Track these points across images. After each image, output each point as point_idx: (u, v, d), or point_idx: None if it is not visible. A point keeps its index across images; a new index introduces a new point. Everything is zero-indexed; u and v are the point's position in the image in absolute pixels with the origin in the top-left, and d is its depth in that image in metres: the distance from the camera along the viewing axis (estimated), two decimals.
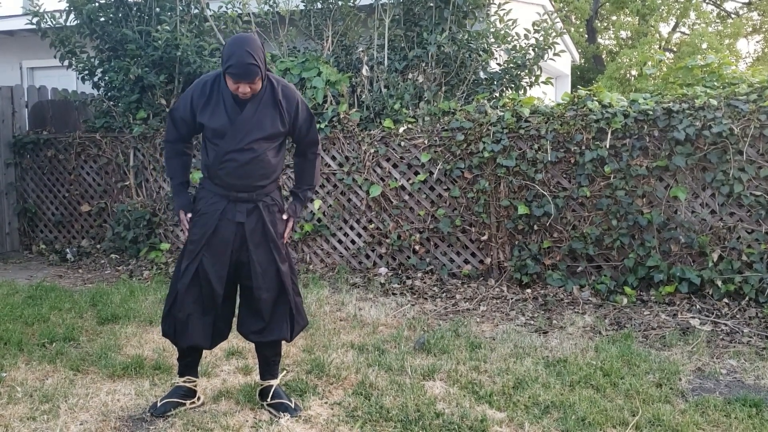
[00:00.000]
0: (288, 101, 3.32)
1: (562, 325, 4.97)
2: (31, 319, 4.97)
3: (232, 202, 3.28)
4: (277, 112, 3.28)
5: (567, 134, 5.65)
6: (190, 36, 7.34)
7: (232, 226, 3.28)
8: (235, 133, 3.21)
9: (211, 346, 3.44)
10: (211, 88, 3.27)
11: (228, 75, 3.11)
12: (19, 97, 8.18)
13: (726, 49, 21.19)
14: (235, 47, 3.07)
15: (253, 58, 3.07)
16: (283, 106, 3.29)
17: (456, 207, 6.15)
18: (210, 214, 3.29)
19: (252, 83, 3.13)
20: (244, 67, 3.06)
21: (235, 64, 3.05)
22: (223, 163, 3.23)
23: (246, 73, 3.07)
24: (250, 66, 3.06)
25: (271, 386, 3.51)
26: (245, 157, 3.22)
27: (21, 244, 8.19)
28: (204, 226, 3.29)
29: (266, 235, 3.33)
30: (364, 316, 5.18)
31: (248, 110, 3.21)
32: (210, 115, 3.24)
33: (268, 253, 3.34)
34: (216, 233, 3.28)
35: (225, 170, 3.24)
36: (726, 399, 3.61)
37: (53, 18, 7.71)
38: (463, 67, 6.93)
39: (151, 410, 3.44)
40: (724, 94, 5.37)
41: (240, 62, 3.05)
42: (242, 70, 3.06)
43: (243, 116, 3.21)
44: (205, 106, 3.26)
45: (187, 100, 3.30)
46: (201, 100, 3.27)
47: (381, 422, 3.34)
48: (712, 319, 4.96)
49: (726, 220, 5.31)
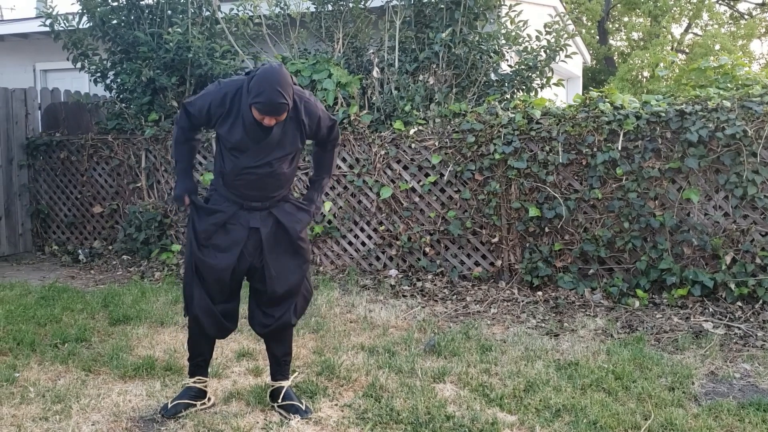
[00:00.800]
0: (311, 118, 3.32)
1: (574, 327, 4.94)
2: (44, 320, 5.01)
3: (245, 210, 3.31)
4: (298, 131, 3.29)
5: (578, 136, 5.63)
6: (202, 38, 7.37)
7: (244, 230, 3.30)
8: (257, 152, 3.21)
9: (217, 336, 3.48)
10: (231, 102, 3.20)
11: (255, 108, 3.06)
12: (33, 99, 8.24)
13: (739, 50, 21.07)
14: (266, 84, 3.01)
15: (283, 96, 3.03)
16: (305, 124, 3.29)
17: (467, 209, 6.13)
18: (221, 214, 3.31)
19: (278, 117, 3.11)
20: (274, 106, 3.03)
21: (264, 102, 3.02)
22: (240, 175, 3.25)
23: (274, 111, 3.05)
24: (280, 105, 3.04)
25: (282, 387, 3.51)
26: (263, 171, 3.24)
27: (34, 245, 8.24)
28: (214, 224, 3.31)
29: (286, 235, 3.36)
30: (375, 318, 5.17)
31: (275, 133, 3.18)
32: (229, 129, 3.21)
33: (291, 256, 3.37)
34: (226, 232, 3.30)
35: (241, 182, 3.27)
36: (739, 403, 3.58)
37: (66, 20, 7.76)
38: (474, 68, 6.92)
39: (162, 411, 3.45)
40: (737, 95, 5.33)
41: (269, 100, 3.01)
42: (271, 108, 3.04)
43: (270, 139, 3.18)
44: (224, 119, 3.22)
45: (205, 106, 3.26)
46: (220, 111, 3.22)
47: (391, 424, 3.33)
48: (725, 322, 4.92)
49: (739, 223, 5.27)
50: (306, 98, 3.32)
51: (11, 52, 11.40)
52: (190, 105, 3.32)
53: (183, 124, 3.38)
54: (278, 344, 3.52)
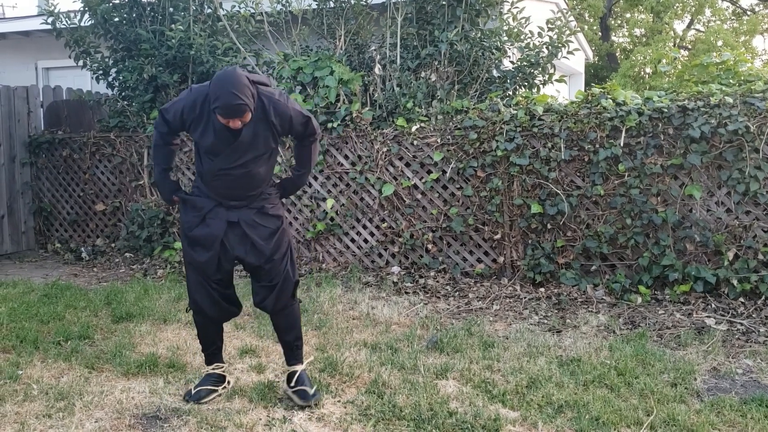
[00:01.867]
0: (281, 118, 3.37)
1: (576, 324, 4.94)
2: (47, 318, 5.02)
3: (224, 207, 3.46)
4: (270, 132, 3.37)
5: (581, 132, 5.62)
6: (204, 35, 7.37)
7: (222, 222, 3.44)
8: (229, 154, 3.32)
9: (220, 318, 3.62)
10: (201, 107, 3.31)
11: (216, 113, 3.17)
12: (35, 97, 8.25)
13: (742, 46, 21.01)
14: (221, 89, 3.11)
15: (239, 97, 3.11)
16: (276, 125, 3.36)
17: (469, 206, 6.13)
18: (200, 208, 3.47)
19: (241, 118, 3.19)
20: (231, 107, 3.11)
21: (222, 106, 3.11)
22: (216, 177, 3.40)
23: (234, 112, 3.14)
24: (237, 106, 3.12)
25: (296, 371, 3.60)
26: (238, 173, 3.37)
27: (37, 243, 8.26)
28: (195, 216, 3.47)
29: (263, 226, 3.48)
30: (377, 315, 5.18)
31: (245, 134, 3.29)
32: (201, 133, 3.34)
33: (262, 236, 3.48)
34: (206, 226, 3.45)
35: (218, 183, 3.41)
36: (742, 399, 3.58)
37: (68, 18, 7.77)
38: (476, 65, 6.91)
39: (186, 398, 3.57)
40: (740, 91, 5.32)
41: (226, 104, 3.10)
42: (230, 111, 3.13)
43: (240, 141, 3.29)
44: (195, 123, 3.35)
45: (178, 112, 3.38)
46: (191, 116, 3.35)
47: (394, 421, 3.33)
48: (727, 318, 4.92)
49: (742, 219, 5.27)
50: (275, 99, 3.37)
51: (13, 50, 11.41)
52: (166, 111, 3.45)
53: (161, 129, 3.51)
54: (286, 330, 3.62)
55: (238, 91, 3.11)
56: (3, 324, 4.83)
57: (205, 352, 3.70)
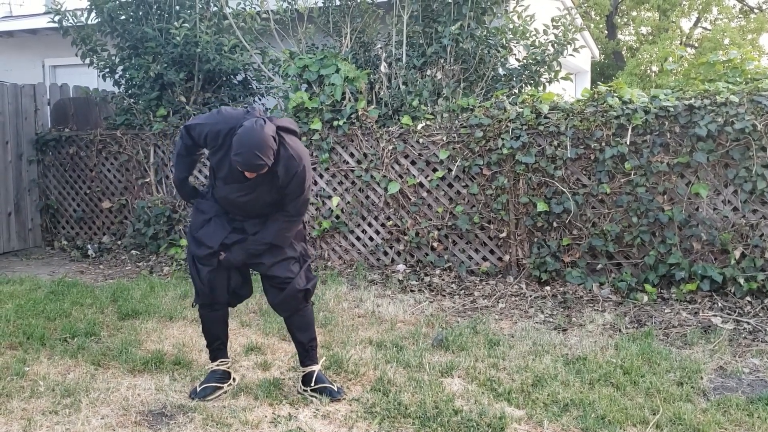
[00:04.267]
0: (287, 172, 3.33)
1: (582, 322, 4.94)
2: (53, 314, 5.03)
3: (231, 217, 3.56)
4: (274, 184, 3.37)
5: (587, 130, 5.61)
6: (210, 33, 7.38)
7: (227, 225, 3.53)
8: (241, 187, 3.40)
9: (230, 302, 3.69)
10: (223, 139, 3.35)
11: (235, 163, 3.21)
12: (42, 94, 8.27)
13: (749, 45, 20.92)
14: (244, 147, 3.13)
15: (260, 158, 3.14)
16: (279, 178, 3.34)
17: (474, 204, 6.12)
18: (209, 213, 3.56)
19: (259, 171, 3.25)
20: (251, 166, 3.17)
21: (242, 162, 3.16)
22: (226, 199, 3.50)
23: (252, 169, 3.21)
24: (257, 165, 3.17)
25: (313, 372, 3.62)
26: (246, 199, 3.45)
27: (43, 240, 8.28)
28: (204, 221, 3.55)
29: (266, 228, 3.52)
30: (382, 313, 5.18)
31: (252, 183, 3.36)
32: (218, 161, 3.44)
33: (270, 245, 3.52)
34: (209, 225, 3.53)
35: (227, 203, 3.52)
36: (748, 398, 3.57)
37: (75, 16, 7.78)
38: (481, 63, 6.90)
39: (192, 395, 3.58)
40: (746, 89, 5.30)
41: (246, 162, 3.15)
42: (248, 168, 3.20)
43: (247, 186, 3.38)
44: (215, 151, 3.44)
45: (203, 134, 3.44)
46: (213, 144, 3.42)
47: (399, 419, 3.34)
48: (734, 317, 4.90)
49: (748, 218, 5.25)
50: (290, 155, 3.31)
51: (20, 48, 11.44)
52: (192, 128, 3.51)
53: (186, 142, 3.58)
54: (301, 331, 3.64)
55: (261, 153, 3.13)
56: (10, 321, 4.85)
57: (210, 348, 3.73)
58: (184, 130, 3.53)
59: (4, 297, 5.55)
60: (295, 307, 3.58)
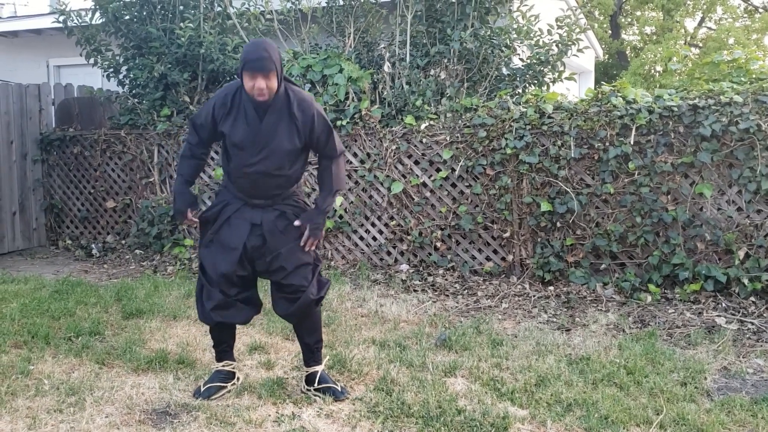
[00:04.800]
0: (304, 114, 3.38)
1: (585, 322, 4.93)
2: (58, 314, 5.05)
3: (249, 206, 3.45)
4: (293, 127, 3.37)
5: (591, 130, 5.61)
6: (214, 33, 7.40)
7: (246, 224, 3.43)
8: (254, 146, 3.34)
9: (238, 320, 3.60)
10: (232, 100, 3.39)
11: (245, 71, 3.23)
12: (46, 94, 8.30)
13: (753, 44, 20.88)
14: (251, 47, 3.26)
15: (268, 53, 3.21)
16: (298, 120, 3.36)
17: (478, 204, 6.12)
18: (227, 208, 3.47)
19: (267, 78, 3.23)
20: (260, 61, 3.19)
21: (251, 59, 3.20)
22: (241, 172, 3.40)
23: (261, 66, 3.19)
24: (265, 60, 3.20)
25: (316, 372, 3.62)
26: (262, 169, 3.36)
27: (47, 240, 8.31)
28: (221, 216, 3.48)
29: (284, 234, 3.46)
30: (386, 313, 5.18)
31: (266, 124, 3.33)
32: (231, 125, 3.37)
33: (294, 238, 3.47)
34: (229, 225, 3.45)
35: (243, 180, 3.41)
36: (752, 398, 3.56)
37: (79, 16, 7.80)
38: (485, 63, 6.89)
39: (195, 395, 3.58)
40: (751, 89, 5.29)
41: (255, 56, 3.20)
42: (258, 64, 3.19)
43: (262, 128, 3.33)
44: (226, 117, 3.39)
45: (209, 110, 3.44)
46: (222, 111, 3.40)
47: (402, 418, 3.34)
48: (738, 317, 4.89)
49: (753, 218, 5.24)
50: (301, 96, 3.41)
51: (25, 48, 11.48)
52: (197, 116, 3.52)
53: (191, 140, 3.57)
54: (308, 332, 3.63)
55: (267, 49, 3.22)
56: (15, 320, 4.87)
57: (217, 349, 3.72)
58: (189, 125, 3.54)
59: (9, 296, 5.57)
60: (307, 315, 3.56)
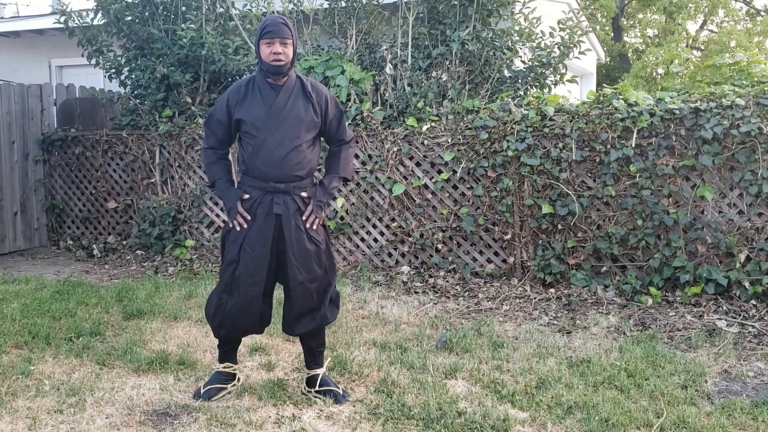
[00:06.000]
0: (318, 94, 3.49)
1: (586, 325, 4.93)
2: (59, 314, 5.05)
3: (269, 193, 3.40)
4: (309, 103, 3.45)
5: (592, 133, 5.61)
6: (215, 34, 7.40)
7: (271, 218, 3.40)
8: (271, 121, 3.38)
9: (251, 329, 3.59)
10: (246, 88, 3.46)
11: (263, 39, 3.33)
12: (48, 95, 8.30)
13: (755, 47, 20.86)
14: (268, 18, 3.39)
15: (284, 21, 3.35)
16: (312, 97, 3.46)
17: (479, 206, 6.12)
18: (251, 206, 3.42)
19: (284, 44, 3.33)
20: (277, 26, 3.32)
21: (268, 24, 3.33)
22: (260, 152, 3.38)
23: (279, 30, 3.32)
24: (282, 26, 3.33)
25: (318, 375, 3.62)
26: (281, 143, 3.37)
27: (49, 240, 8.31)
28: (246, 202, 3.43)
29: (298, 222, 3.44)
30: (387, 314, 5.18)
31: (281, 97, 3.40)
32: (247, 108, 3.42)
33: (308, 241, 3.44)
34: (256, 225, 3.40)
35: (262, 160, 3.39)
36: (753, 402, 3.56)
37: (81, 17, 7.81)
38: (487, 65, 6.89)
39: (195, 396, 3.58)
40: (753, 92, 5.29)
41: (273, 22, 3.33)
42: (276, 28, 3.31)
43: (277, 102, 3.39)
44: (241, 102, 3.44)
45: (223, 102, 3.50)
46: (237, 98, 3.46)
47: (403, 420, 3.34)
48: (739, 320, 4.89)
49: (754, 221, 5.23)
50: (313, 81, 3.58)
51: (27, 49, 11.49)
52: (210, 115, 3.55)
53: (210, 143, 3.57)
54: (313, 338, 3.63)
55: (284, 19, 3.37)
56: (15, 320, 4.87)
57: (220, 350, 3.70)
58: (204, 127, 3.59)
59: (10, 296, 5.57)
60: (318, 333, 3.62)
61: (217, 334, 3.60)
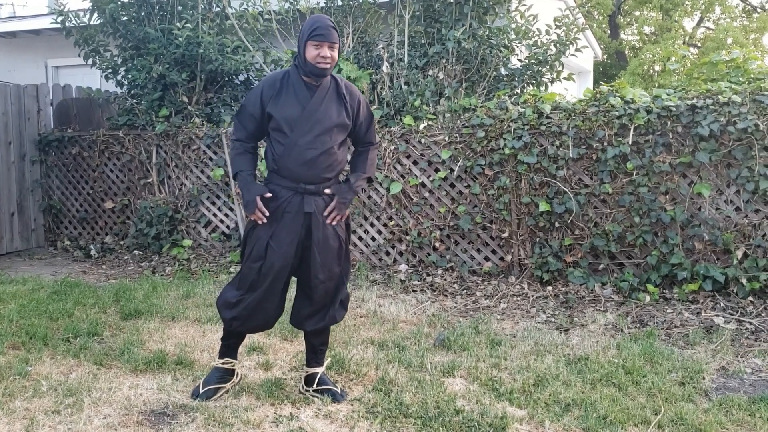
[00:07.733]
0: (351, 95, 3.48)
1: (584, 322, 4.93)
2: (56, 314, 5.04)
3: (299, 194, 3.38)
4: (342, 105, 3.43)
5: (589, 130, 5.61)
6: (212, 34, 7.39)
7: (300, 217, 3.38)
8: (304, 122, 3.35)
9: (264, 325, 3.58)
10: (281, 83, 3.41)
11: (311, 40, 3.28)
12: (44, 95, 8.29)
13: (752, 44, 20.90)
14: (316, 18, 3.35)
15: (333, 24, 3.33)
16: (346, 99, 3.45)
17: (476, 204, 6.12)
18: (279, 205, 3.38)
19: (332, 48, 3.31)
20: (327, 29, 3.29)
21: (319, 27, 3.29)
22: (291, 153, 3.35)
23: (329, 34, 3.29)
24: (332, 29, 3.31)
25: (316, 373, 3.62)
26: (314, 145, 3.35)
27: (46, 240, 8.30)
28: (273, 215, 3.39)
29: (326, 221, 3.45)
30: (384, 313, 5.18)
31: (316, 99, 3.36)
32: (281, 105, 3.37)
33: (333, 239, 3.46)
34: (283, 223, 3.38)
35: (294, 161, 3.36)
36: (750, 398, 3.56)
37: (77, 17, 7.80)
38: (483, 63, 6.90)
39: (193, 395, 3.57)
40: (749, 89, 5.29)
41: (323, 25, 3.30)
42: (326, 31, 3.29)
43: (312, 104, 3.35)
44: (275, 99, 3.39)
45: (257, 95, 3.42)
46: (271, 93, 3.40)
47: (401, 418, 3.34)
48: (736, 317, 4.89)
49: (751, 217, 5.24)
50: (348, 82, 3.55)
51: (23, 49, 11.47)
52: (243, 108, 3.48)
53: (240, 135, 3.51)
54: (318, 336, 3.63)
55: (332, 22, 3.34)
56: (13, 320, 4.86)
57: (223, 342, 3.65)
58: (234, 121, 3.53)
59: (7, 297, 5.57)
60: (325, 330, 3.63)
61: (229, 326, 3.54)
